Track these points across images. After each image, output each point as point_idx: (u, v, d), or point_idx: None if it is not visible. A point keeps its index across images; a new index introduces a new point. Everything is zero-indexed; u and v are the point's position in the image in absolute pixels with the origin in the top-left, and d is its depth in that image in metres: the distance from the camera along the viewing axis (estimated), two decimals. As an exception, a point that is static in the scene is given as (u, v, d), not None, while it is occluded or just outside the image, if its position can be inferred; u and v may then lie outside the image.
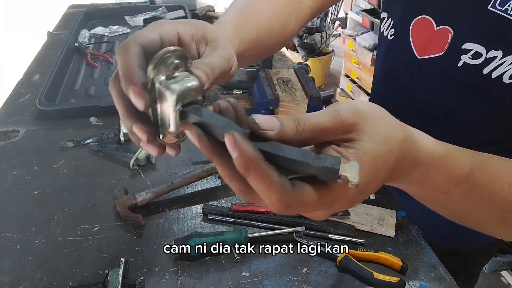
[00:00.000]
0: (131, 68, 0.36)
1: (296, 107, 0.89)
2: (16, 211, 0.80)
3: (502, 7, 0.59)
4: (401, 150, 0.37)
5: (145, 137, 0.38)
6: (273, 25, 0.65)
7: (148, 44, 0.39)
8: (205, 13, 1.81)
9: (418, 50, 0.72)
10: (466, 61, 0.64)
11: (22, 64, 1.50)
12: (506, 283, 1.97)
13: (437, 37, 0.67)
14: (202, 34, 0.44)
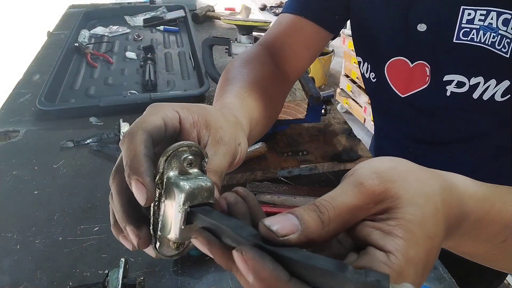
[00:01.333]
0: (137, 157, 0.33)
1: (296, 107, 0.89)
2: (16, 211, 0.80)
3: (467, 37, 0.59)
4: (444, 203, 0.30)
5: (135, 242, 0.34)
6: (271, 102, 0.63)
7: (154, 131, 0.36)
8: (205, 13, 1.81)
9: (399, 89, 0.72)
10: (452, 90, 0.64)
11: (22, 64, 1.50)
12: (506, 283, 1.97)
13: (416, 72, 0.68)
14: (204, 121, 0.40)
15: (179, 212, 0.30)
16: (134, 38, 1.61)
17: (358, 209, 0.28)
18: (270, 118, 0.63)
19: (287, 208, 0.78)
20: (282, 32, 0.75)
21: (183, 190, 0.30)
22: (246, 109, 0.52)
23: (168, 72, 1.36)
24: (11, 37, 4.32)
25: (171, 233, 0.31)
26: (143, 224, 0.34)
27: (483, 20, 0.57)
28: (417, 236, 0.27)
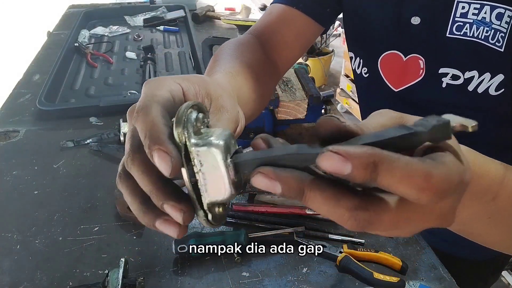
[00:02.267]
0: (156, 126, 0.30)
1: (296, 107, 0.89)
2: (16, 211, 0.80)
3: (460, 32, 0.59)
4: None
5: (180, 218, 0.30)
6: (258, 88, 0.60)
7: (167, 104, 0.34)
8: (205, 13, 1.81)
9: (392, 84, 0.71)
10: (448, 82, 0.64)
11: (22, 64, 1.50)
12: (506, 283, 1.97)
13: (409, 66, 0.68)
14: (205, 91, 0.39)
15: (226, 167, 0.28)
16: (134, 38, 1.61)
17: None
18: (259, 102, 0.61)
19: (287, 208, 0.78)
20: (273, 21, 0.74)
21: (218, 146, 0.28)
22: (235, 86, 0.51)
23: (168, 72, 1.36)
24: (11, 37, 4.32)
25: (221, 195, 0.29)
26: (181, 197, 0.31)
27: (476, 14, 0.58)
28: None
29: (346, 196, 0.25)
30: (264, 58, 0.69)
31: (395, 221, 0.25)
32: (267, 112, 0.94)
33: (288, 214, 0.77)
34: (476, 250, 0.86)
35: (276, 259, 0.71)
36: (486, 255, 0.88)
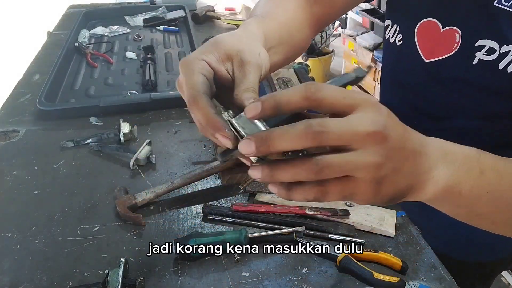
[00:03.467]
0: (212, 119, 0.41)
1: (296, 107, 0.89)
2: (16, 211, 0.80)
3: (508, 3, 0.59)
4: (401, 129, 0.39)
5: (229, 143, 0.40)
6: (292, 28, 0.66)
7: (206, 89, 0.44)
8: (205, 13, 1.81)
9: (424, 53, 0.71)
10: (481, 57, 0.62)
11: (22, 64, 1.50)
12: (506, 283, 1.97)
13: (444, 38, 0.67)
14: (224, 53, 0.46)
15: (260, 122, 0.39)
16: (134, 38, 1.61)
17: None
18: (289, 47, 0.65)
19: (287, 208, 0.78)
20: None
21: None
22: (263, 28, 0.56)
23: (168, 72, 1.36)
24: (11, 37, 4.32)
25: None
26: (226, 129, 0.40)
27: None
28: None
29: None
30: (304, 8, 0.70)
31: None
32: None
33: (288, 214, 0.77)
34: (478, 252, 0.86)
35: (276, 259, 0.71)
36: (488, 257, 0.88)
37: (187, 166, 0.93)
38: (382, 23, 2.68)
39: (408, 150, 0.39)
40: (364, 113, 0.35)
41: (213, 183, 0.88)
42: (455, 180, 0.42)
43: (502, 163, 0.45)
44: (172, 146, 0.99)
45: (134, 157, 0.90)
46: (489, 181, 0.43)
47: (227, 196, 0.84)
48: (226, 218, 0.77)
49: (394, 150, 0.36)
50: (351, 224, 0.76)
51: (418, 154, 0.40)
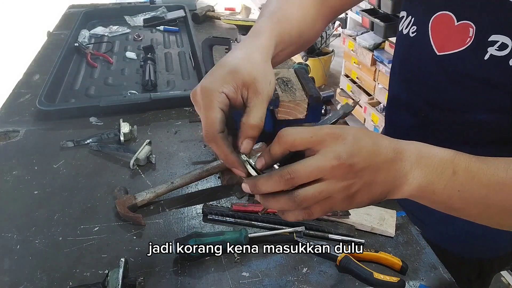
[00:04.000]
0: (229, 157, 0.50)
1: (296, 107, 0.89)
2: (16, 211, 0.80)
3: None
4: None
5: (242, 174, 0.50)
6: (302, 26, 0.69)
7: (223, 127, 0.50)
8: (205, 13, 1.81)
9: (437, 46, 0.71)
10: (493, 53, 0.63)
11: (22, 64, 1.50)
12: (506, 283, 1.97)
13: (457, 32, 0.67)
14: (242, 83, 0.51)
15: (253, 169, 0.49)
16: (134, 38, 1.61)
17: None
18: (298, 47, 0.70)
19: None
20: None
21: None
22: (275, 34, 0.61)
23: (168, 72, 1.36)
24: (11, 37, 4.32)
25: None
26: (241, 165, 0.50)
27: None
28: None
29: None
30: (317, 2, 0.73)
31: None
32: (267, 112, 0.93)
33: (288, 214, 0.77)
34: (479, 248, 0.86)
35: (276, 259, 0.71)
36: (489, 253, 0.88)
37: (187, 166, 0.93)
38: (382, 23, 2.68)
39: (379, 163, 0.45)
40: (329, 148, 0.43)
41: (213, 183, 0.88)
42: (428, 181, 0.47)
43: (475, 163, 0.48)
44: (172, 146, 0.99)
45: (134, 157, 0.90)
46: (461, 181, 0.47)
47: (227, 196, 0.84)
48: (226, 218, 0.77)
49: (362, 170, 0.44)
50: (351, 224, 0.76)
51: (391, 162, 0.46)
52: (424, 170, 0.47)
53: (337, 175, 0.43)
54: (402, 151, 0.47)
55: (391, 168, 0.46)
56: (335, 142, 0.44)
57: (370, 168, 0.45)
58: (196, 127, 1.06)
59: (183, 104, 1.15)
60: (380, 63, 2.88)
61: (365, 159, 0.44)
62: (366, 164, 0.44)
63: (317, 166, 0.43)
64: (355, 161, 0.43)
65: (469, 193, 0.48)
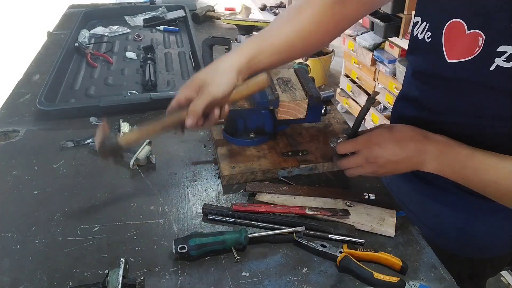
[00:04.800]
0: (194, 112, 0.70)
1: (296, 107, 0.89)
2: (16, 211, 0.80)
3: None
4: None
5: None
6: (294, 41, 0.78)
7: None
8: (205, 13, 1.81)
9: (448, 53, 0.72)
10: (499, 64, 0.63)
11: (22, 64, 1.50)
12: (506, 283, 1.97)
13: (467, 41, 0.68)
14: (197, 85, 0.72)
15: None
16: (134, 38, 1.61)
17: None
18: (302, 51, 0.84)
19: (287, 208, 0.78)
20: None
21: None
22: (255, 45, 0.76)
23: (168, 72, 1.36)
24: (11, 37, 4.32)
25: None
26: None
27: None
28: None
29: None
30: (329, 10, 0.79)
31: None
32: (267, 112, 0.94)
33: (288, 214, 0.77)
34: (471, 248, 0.87)
35: (276, 259, 0.71)
36: (480, 254, 0.89)
37: (187, 166, 0.93)
38: (382, 23, 2.68)
39: (398, 160, 0.71)
40: (360, 153, 0.74)
41: (213, 183, 0.88)
42: (439, 170, 0.70)
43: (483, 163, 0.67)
44: (172, 146, 0.99)
45: (134, 157, 0.90)
46: (466, 175, 0.69)
47: (227, 196, 0.84)
48: (226, 218, 0.77)
49: (385, 164, 0.72)
50: (351, 224, 0.76)
51: (413, 157, 0.71)
52: (437, 163, 0.69)
53: (367, 166, 0.74)
54: (426, 150, 0.70)
55: (410, 161, 0.71)
56: (366, 150, 0.73)
57: (391, 162, 0.71)
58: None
59: (183, 104, 1.15)
60: (380, 63, 2.88)
61: (386, 158, 0.71)
62: (387, 161, 0.71)
63: (355, 162, 0.75)
64: (378, 160, 0.72)
65: (472, 183, 0.69)
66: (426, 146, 0.69)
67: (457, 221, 0.85)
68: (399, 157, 0.70)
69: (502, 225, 0.82)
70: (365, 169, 0.74)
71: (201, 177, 0.89)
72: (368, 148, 0.72)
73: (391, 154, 0.70)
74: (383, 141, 0.72)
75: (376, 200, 0.82)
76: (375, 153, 0.71)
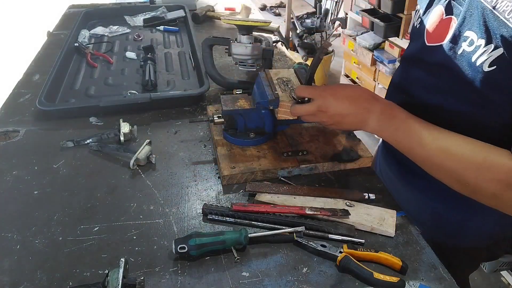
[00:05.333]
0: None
1: (296, 107, 0.89)
2: (16, 211, 0.80)
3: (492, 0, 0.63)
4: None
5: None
6: None
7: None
8: (205, 13, 1.81)
9: (427, 37, 0.78)
10: (464, 48, 0.68)
11: (22, 64, 1.50)
12: (506, 283, 1.97)
13: (443, 26, 0.73)
14: None
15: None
16: (134, 38, 1.61)
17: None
18: None
19: (287, 208, 0.78)
20: None
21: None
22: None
23: (168, 72, 1.36)
24: (11, 37, 4.32)
25: None
26: None
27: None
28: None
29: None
30: None
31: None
32: (267, 112, 0.94)
33: (288, 214, 0.77)
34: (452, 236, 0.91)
35: (276, 259, 0.71)
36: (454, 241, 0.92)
37: (187, 166, 0.93)
38: (382, 23, 2.68)
39: (345, 114, 0.76)
40: (314, 101, 0.78)
41: (213, 183, 0.88)
42: (378, 130, 0.76)
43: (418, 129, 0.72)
44: (172, 146, 0.99)
45: (134, 157, 0.90)
46: (398, 137, 0.74)
47: (227, 196, 0.84)
48: (226, 218, 0.77)
49: (334, 116, 0.77)
50: (351, 224, 0.76)
51: (359, 114, 0.76)
52: (378, 123, 0.75)
53: (317, 114, 0.79)
54: (370, 108, 0.75)
55: (357, 116, 0.76)
56: (320, 98, 0.78)
57: (339, 115, 0.77)
58: (196, 127, 1.06)
59: (183, 104, 1.15)
60: (380, 63, 2.88)
61: (336, 110, 0.76)
62: (337, 113, 0.76)
63: (307, 109, 0.80)
64: (329, 110, 0.77)
65: (401, 145, 0.74)
66: (372, 106, 0.75)
67: (428, 207, 0.90)
68: (348, 111, 0.76)
69: (471, 215, 0.85)
70: (316, 117, 0.79)
71: (201, 177, 0.89)
72: (323, 98, 0.77)
73: (342, 108, 0.76)
74: (338, 94, 0.77)
75: (376, 200, 0.82)
76: (328, 103, 0.76)
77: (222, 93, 1.15)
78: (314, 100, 0.78)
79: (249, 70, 1.17)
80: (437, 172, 0.72)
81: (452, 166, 0.68)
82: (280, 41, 1.55)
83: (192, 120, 1.01)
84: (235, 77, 1.31)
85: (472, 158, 0.66)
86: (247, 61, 1.14)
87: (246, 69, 1.17)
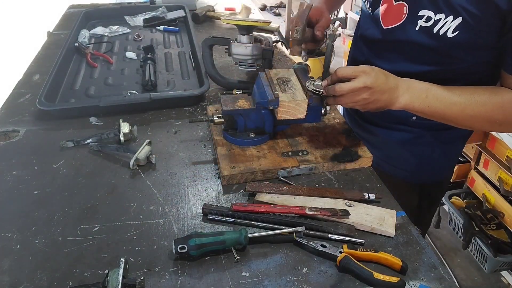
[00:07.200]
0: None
1: (296, 107, 0.89)
2: (16, 211, 0.80)
3: None
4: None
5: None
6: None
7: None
8: (205, 13, 1.81)
9: (383, 21, 0.94)
10: (422, 24, 0.85)
11: (22, 64, 1.50)
12: (506, 283, 1.97)
13: (396, 10, 0.89)
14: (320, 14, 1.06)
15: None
16: (134, 38, 1.61)
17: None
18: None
19: (287, 208, 0.78)
20: None
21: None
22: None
23: (168, 72, 1.36)
24: (11, 37, 4.32)
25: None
26: None
27: None
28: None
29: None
30: None
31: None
32: (267, 112, 0.94)
33: (288, 214, 0.77)
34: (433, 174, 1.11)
35: (276, 259, 0.71)
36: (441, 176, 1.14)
37: (187, 166, 0.93)
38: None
39: (385, 89, 0.81)
40: (359, 78, 0.79)
41: (213, 183, 0.88)
42: (410, 101, 0.83)
43: (442, 91, 0.83)
44: (172, 146, 0.99)
45: (134, 157, 0.90)
46: (429, 102, 0.83)
47: (227, 196, 0.84)
48: (226, 218, 0.77)
49: (375, 92, 0.80)
50: (351, 224, 0.76)
51: (393, 90, 0.82)
52: (409, 95, 0.83)
53: (361, 91, 0.80)
54: (399, 84, 0.82)
55: (391, 92, 0.82)
56: (363, 75, 0.79)
57: (380, 91, 0.80)
58: (196, 127, 1.06)
59: (183, 104, 1.15)
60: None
61: (379, 86, 0.79)
62: (379, 89, 0.80)
63: (354, 86, 0.79)
64: (373, 86, 0.79)
65: (434, 109, 0.84)
66: (398, 81, 0.83)
67: (414, 155, 1.05)
68: (388, 86, 0.81)
69: (452, 147, 1.07)
70: (356, 96, 0.80)
71: (201, 177, 0.89)
72: (367, 74, 0.79)
73: (383, 82, 0.80)
74: (379, 72, 0.81)
75: (376, 200, 0.82)
76: (373, 78, 0.78)
77: (222, 93, 1.14)
78: (358, 77, 0.79)
79: (249, 70, 1.17)
80: (471, 121, 0.84)
81: (482, 111, 0.81)
82: (280, 41, 1.55)
83: (192, 120, 1.01)
84: (235, 77, 1.31)
85: (494, 100, 0.81)
86: (247, 61, 1.14)
87: (246, 69, 1.17)
